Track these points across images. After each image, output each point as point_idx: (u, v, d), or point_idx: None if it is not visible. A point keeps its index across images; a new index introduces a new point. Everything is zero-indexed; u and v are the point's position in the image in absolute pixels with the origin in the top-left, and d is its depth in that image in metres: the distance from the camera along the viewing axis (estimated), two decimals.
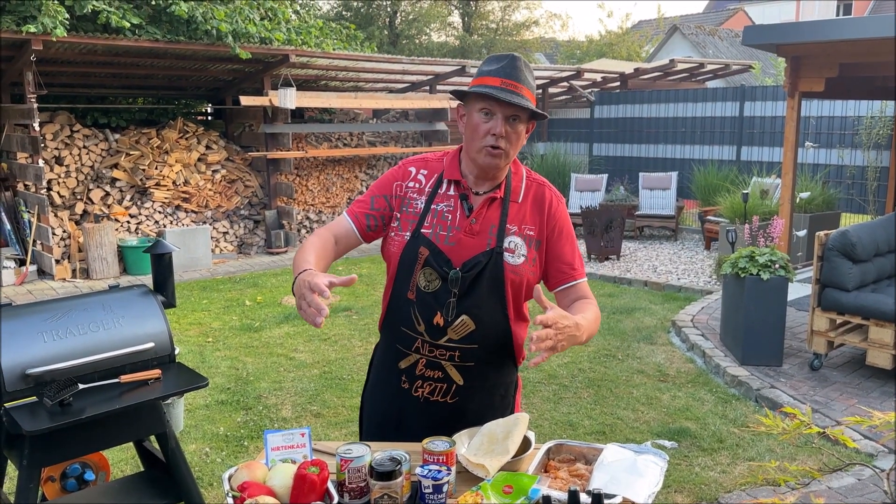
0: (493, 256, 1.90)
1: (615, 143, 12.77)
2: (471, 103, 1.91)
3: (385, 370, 2.06)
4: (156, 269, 3.14)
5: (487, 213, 1.94)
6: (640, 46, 25.20)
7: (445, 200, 1.96)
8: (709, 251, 9.75)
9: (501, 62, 1.89)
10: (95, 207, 8.68)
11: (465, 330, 1.91)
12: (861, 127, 9.60)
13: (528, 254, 1.95)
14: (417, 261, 1.92)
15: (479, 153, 1.89)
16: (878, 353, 4.77)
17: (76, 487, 3.37)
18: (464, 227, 1.93)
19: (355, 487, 1.60)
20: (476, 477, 1.70)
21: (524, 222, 1.96)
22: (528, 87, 1.89)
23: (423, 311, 1.92)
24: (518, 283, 1.94)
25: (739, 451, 4.02)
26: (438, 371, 1.95)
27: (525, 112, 1.88)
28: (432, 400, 1.97)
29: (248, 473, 1.59)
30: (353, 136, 11.20)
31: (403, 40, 20.33)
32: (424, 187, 1.99)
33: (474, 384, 1.97)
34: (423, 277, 1.92)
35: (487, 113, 1.86)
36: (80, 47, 7.79)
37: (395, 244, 1.97)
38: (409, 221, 1.96)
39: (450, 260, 1.90)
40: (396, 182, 2.02)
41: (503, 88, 1.84)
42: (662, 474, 1.64)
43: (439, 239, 1.92)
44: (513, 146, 1.89)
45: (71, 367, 2.60)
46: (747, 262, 5.10)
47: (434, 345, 1.93)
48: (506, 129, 1.86)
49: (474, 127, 1.89)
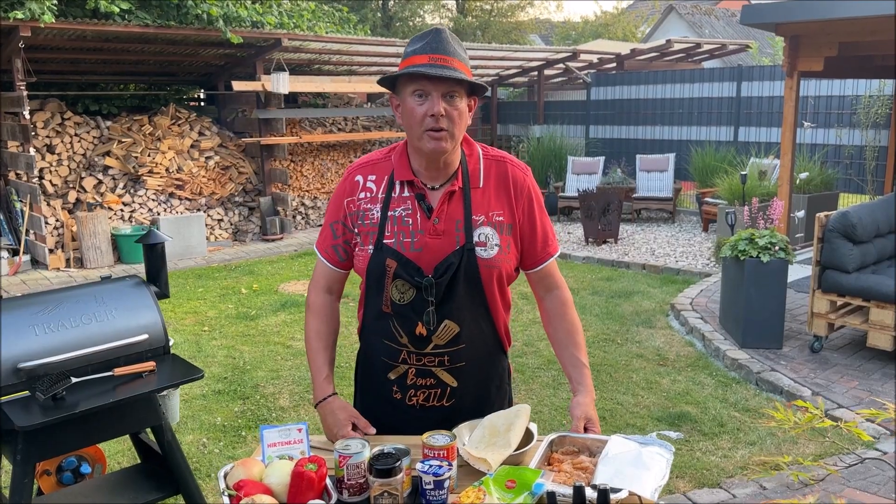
0: (464, 254, 1.79)
1: (612, 125, 12.68)
2: (402, 89, 1.76)
3: (373, 381, 1.98)
4: (148, 260, 3.09)
5: (449, 209, 1.81)
6: (635, 27, 25.00)
7: (402, 204, 1.83)
8: (706, 233, 9.71)
9: (425, 38, 1.75)
10: (88, 196, 8.59)
11: (450, 334, 1.84)
12: (859, 106, 9.53)
13: (501, 241, 1.83)
14: (386, 274, 1.81)
15: (420, 140, 1.75)
16: (878, 334, 4.74)
17: (72, 481, 3.33)
18: (427, 229, 1.80)
19: (354, 484, 1.56)
20: (478, 471, 1.66)
21: (491, 209, 1.84)
22: (460, 58, 1.74)
23: (403, 324, 1.84)
24: (496, 275, 1.84)
25: (741, 434, 4.00)
26: (430, 378, 1.88)
27: (462, 86, 1.73)
28: (428, 406, 1.91)
29: (244, 471, 1.55)
30: (347, 121, 11.10)
31: (397, 22, 20.14)
32: (377, 194, 1.86)
33: (468, 383, 1.91)
34: (396, 290, 1.82)
35: (421, 94, 1.72)
36: (69, 33, 7.67)
37: (361, 259, 1.87)
38: (369, 234, 1.84)
39: (419, 268, 1.79)
40: (347, 199, 1.89)
41: (432, 64, 1.69)
42: (668, 467, 1.61)
43: (404, 246, 1.80)
44: (456, 125, 1.74)
45: (64, 361, 2.55)
46: (747, 244, 5.06)
47: (421, 354, 1.86)
48: (444, 107, 1.71)
49: (410, 112, 1.74)
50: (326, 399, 1.93)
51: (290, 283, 7.49)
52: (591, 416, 1.84)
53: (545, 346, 5.32)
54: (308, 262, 8.44)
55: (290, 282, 7.53)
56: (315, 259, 2.05)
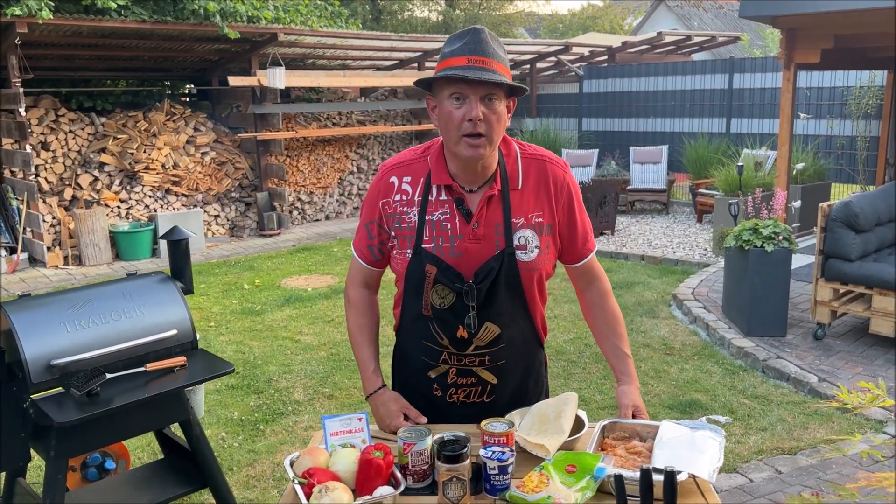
0: (504, 259, 1.78)
1: (605, 117, 12.76)
2: (439, 91, 1.72)
3: (412, 378, 1.99)
4: (173, 256, 3.11)
5: (489, 213, 1.79)
6: (622, 19, 25.10)
7: (440, 208, 1.80)
8: (701, 224, 9.81)
9: (464, 38, 1.70)
10: (84, 193, 8.54)
11: (491, 336, 1.85)
12: (850, 97, 9.66)
13: (541, 243, 1.82)
14: (426, 279, 1.80)
15: (458, 145, 1.71)
16: (881, 321, 4.83)
17: (97, 477, 3.35)
18: (466, 234, 1.78)
19: (418, 470, 1.60)
20: (532, 457, 1.70)
21: (530, 210, 1.82)
22: (500, 60, 1.69)
23: (444, 327, 1.84)
24: (535, 277, 1.85)
25: (752, 421, 4.08)
26: (471, 377, 1.90)
27: (501, 88, 1.69)
28: (469, 403, 1.94)
29: (311, 460, 1.58)
30: (342, 116, 11.09)
31: (386, 16, 20.09)
32: (413, 197, 1.83)
33: (508, 379, 1.93)
34: (436, 295, 1.82)
35: (459, 97, 1.67)
36: (65, 29, 7.61)
37: (399, 263, 1.86)
38: (407, 238, 1.82)
39: (459, 273, 1.78)
40: (382, 200, 1.87)
41: (471, 67, 1.65)
42: (721, 450, 1.66)
43: (443, 252, 1.79)
44: (494, 130, 1.70)
45: (96, 357, 2.56)
46: (751, 234, 5.13)
47: (462, 355, 1.87)
48: (482, 110, 1.66)
49: (448, 116, 1.69)
50: (377, 391, 1.95)
51: (292, 277, 7.50)
52: (637, 403, 1.89)
53: (554, 337, 5.38)
54: (307, 258, 8.45)
55: (291, 277, 7.54)
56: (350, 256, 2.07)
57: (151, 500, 2.91)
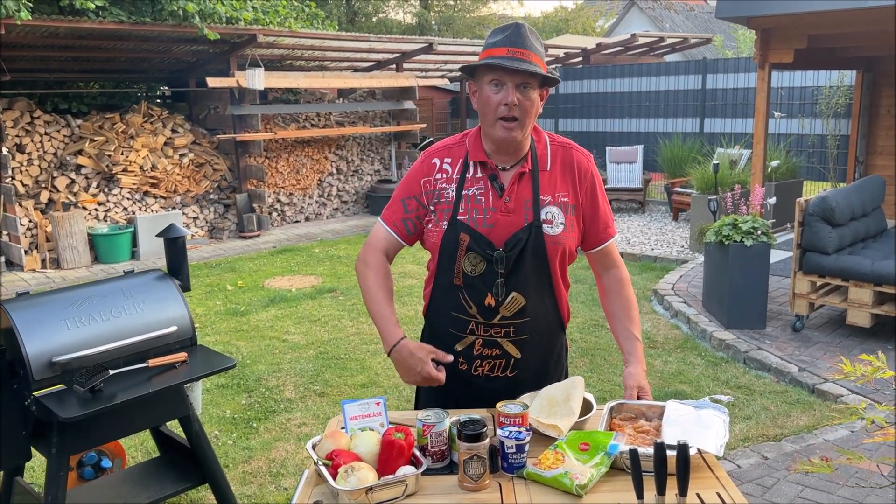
0: (532, 230, 1.93)
1: (580, 118, 12.91)
2: (481, 78, 1.91)
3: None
4: (170, 254, 3.12)
5: (519, 189, 1.95)
6: (594, 21, 25.37)
7: (475, 184, 1.97)
8: (677, 222, 9.97)
9: (506, 31, 1.88)
10: (61, 195, 8.44)
11: (517, 306, 1.96)
12: (820, 97, 9.89)
13: (566, 220, 1.97)
14: (459, 247, 1.94)
15: (493, 127, 1.90)
16: (857, 312, 4.98)
17: (93, 475, 3.34)
18: (498, 206, 1.94)
19: (437, 451, 1.65)
20: (545, 438, 1.76)
21: (557, 190, 1.98)
22: (536, 52, 1.87)
23: (473, 295, 1.96)
24: (560, 252, 1.98)
25: (736, 410, 4.19)
26: (496, 349, 2.00)
27: (536, 78, 1.87)
28: (492, 376, 2.02)
29: (333, 442, 1.62)
30: (320, 117, 11.08)
31: (361, 17, 20.08)
32: (452, 175, 2.00)
33: (531, 355, 2.03)
34: (468, 262, 1.95)
35: (497, 84, 1.86)
36: (42, 30, 7.52)
37: (434, 234, 1.99)
38: (444, 211, 1.97)
39: (491, 242, 1.92)
40: (424, 178, 2.02)
41: (510, 57, 1.83)
42: (727, 426, 1.73)
43: (477, 223, 1.93)
44: (527, 115, 1.88)
45: (98, 354, 2.57)
46: (731, 229, 5.26)
47: (489, 324, 1.97)
48: (517, 97, 1.85)
49: (486, 100, 1.89)
50: (399, 343, 1.95)
51: (275, 278, 7.49)
52: (642, 384, 1.97)
53: None
54: (288, 259, 8.44)
55: (274, 277, 7.53)
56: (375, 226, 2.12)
57: (150, 498, 2.92)
